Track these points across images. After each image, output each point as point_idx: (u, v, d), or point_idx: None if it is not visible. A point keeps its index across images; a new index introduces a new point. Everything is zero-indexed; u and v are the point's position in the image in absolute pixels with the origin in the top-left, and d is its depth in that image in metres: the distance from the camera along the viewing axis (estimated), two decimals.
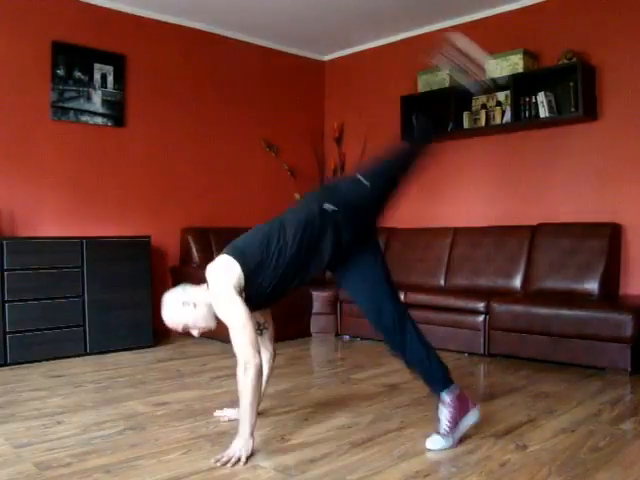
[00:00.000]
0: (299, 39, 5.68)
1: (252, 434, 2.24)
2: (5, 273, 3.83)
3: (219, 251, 2.53)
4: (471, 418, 2.37)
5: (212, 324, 2.39)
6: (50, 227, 4.45)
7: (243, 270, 2.26)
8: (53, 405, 2.96)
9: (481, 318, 4.06)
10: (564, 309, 3.68)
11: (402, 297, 4.44)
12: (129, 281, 4.34)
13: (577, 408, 2.86)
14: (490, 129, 4.80)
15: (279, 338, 4.58)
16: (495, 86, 2.63)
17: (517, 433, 2.49)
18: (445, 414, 2.32)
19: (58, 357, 4.03)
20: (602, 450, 2.29)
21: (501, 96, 4.76)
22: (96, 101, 4.67)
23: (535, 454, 2.25)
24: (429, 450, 2.30)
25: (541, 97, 4.40)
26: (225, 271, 2.26)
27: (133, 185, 4.90)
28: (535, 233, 4.40)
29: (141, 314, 4.39)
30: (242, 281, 2.26)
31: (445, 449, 2.30)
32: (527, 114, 4.50)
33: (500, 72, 4.60)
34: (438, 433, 2.33)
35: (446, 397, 2.35)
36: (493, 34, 4.87)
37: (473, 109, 4.94)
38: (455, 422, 2.32)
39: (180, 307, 2.37)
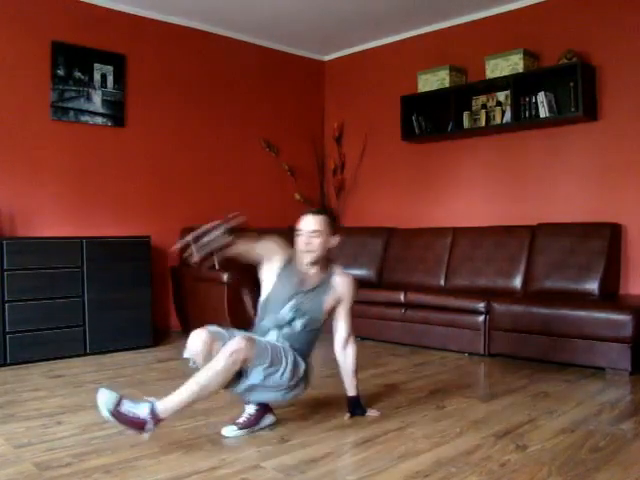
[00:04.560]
0: (299, 39, 5.68)
1: None
2: (5, 273, 3.83)
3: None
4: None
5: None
6: (50, 227, 4.45)
7: None
8: (53, 405, 2.96)
9: (481, 318, 4.06)
10: (564, 309, 3.68)
11: (402, 297, 4.46)
12: (129, 281, 4.34)
13: (577, 408, 2.86)
14: (490, 129, 4.80)
15: None
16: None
17: (517, 433, 2.49)
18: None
19: (58, 357, 4.03)
20: (602, 450, 2.29)
21: (501, 96, 4.76)
22: (96, 101, 4.68)
23: (535, 454, 2.25)
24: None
25: (541, 97, 4.40)
26: None
27: (133, 185, 4.90)
28: (535, 233, 4.40)
29: (141, 314, 4.39)
30: None
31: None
32: (527, 114, 4.50)
33: (500, 72, 4.61)
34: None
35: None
36: (493, 34, 4.88)
37: (473, 109, 4.94)
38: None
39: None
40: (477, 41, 5.01)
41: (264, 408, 2.61)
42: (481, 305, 4.06)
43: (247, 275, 3.98)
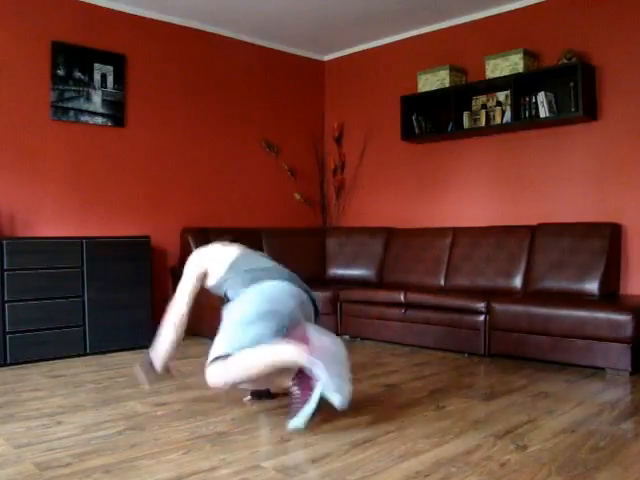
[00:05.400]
0: (299, 39, 5.68)
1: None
2: (5, 273, 3.84)
3: None
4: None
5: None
6: (50, 227, 4.45)
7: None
8: (53, 405, 2.96)
9: (481, 318, 4.06)
10: (564, 309, 3.68)
11: (402, 297, 4.46)
12: (129, 281, 4.34)
13: (577, 408, 2.86)
14: (490, 129, 4.80)
15: None
16: None
17: (517, 433, 2.49)
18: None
19: (58, 357, 4.03)
20: (602, 450, 2.29)
21: (501, 96, 4.77)
22: (96, 101, 4.68)
23: (535, 454, 2.25)
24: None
25: (541, 97, 4.40)
26: None
27: (133, 185, 4.90)
28: (535, 233, 4.40)
29: (141, 314, 4.40)
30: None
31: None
32: (527, 114, 4.50)
33: (500, 72, 4.61)
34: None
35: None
36: (493, 34, 4.88)
37: (473, 109, 4.94)
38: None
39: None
40: (477, 41, 5.01)
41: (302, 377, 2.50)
42: (481, 305, 4.06)
43: None
